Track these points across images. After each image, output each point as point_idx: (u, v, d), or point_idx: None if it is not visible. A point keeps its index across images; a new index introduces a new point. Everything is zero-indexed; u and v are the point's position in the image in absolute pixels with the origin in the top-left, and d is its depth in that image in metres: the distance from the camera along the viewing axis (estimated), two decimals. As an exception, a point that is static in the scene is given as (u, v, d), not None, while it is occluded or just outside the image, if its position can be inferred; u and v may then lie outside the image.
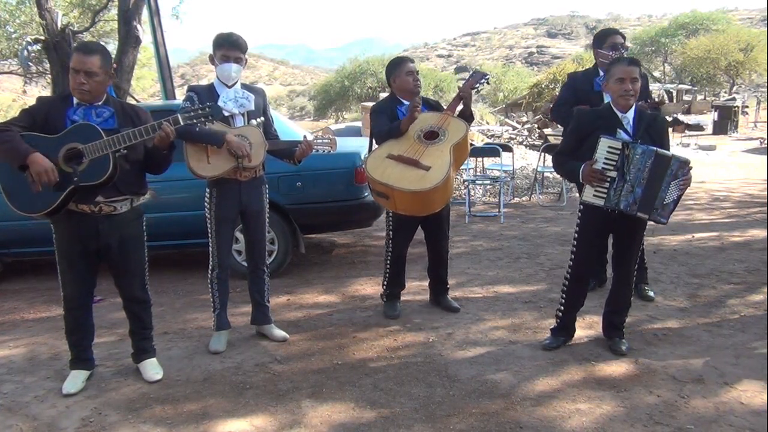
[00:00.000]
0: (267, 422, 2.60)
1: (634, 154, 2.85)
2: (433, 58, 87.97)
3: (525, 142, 13.63)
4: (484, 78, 3.71)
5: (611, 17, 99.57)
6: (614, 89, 2.96)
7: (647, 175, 2.85)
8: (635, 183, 2.86)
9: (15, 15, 12.29)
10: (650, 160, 2.84)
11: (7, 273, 5.04)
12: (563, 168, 3.13)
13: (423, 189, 3.21)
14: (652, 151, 2.84)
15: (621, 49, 3.73)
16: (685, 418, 2.53)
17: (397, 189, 3.24)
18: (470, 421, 2.55)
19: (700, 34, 37.68)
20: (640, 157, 2.84)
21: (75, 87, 2.67)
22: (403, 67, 3.60)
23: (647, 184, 2.85)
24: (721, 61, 30.75)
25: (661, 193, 2.86)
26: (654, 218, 2.91)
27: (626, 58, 3.06)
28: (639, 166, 2.85)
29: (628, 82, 2.90)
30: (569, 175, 3.12)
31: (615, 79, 2.94)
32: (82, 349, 2.99)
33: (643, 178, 2.85)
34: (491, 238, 5.79)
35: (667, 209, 2.89)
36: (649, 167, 2.84)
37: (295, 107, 58.60)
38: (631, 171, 2.85)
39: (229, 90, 3.23)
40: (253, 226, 3.38)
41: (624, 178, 2.86)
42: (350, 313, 3.90)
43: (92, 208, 2.74)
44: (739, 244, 5.29)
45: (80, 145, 2.62)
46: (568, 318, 3.25)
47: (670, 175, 2.84)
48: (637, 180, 2.86)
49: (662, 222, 2.95)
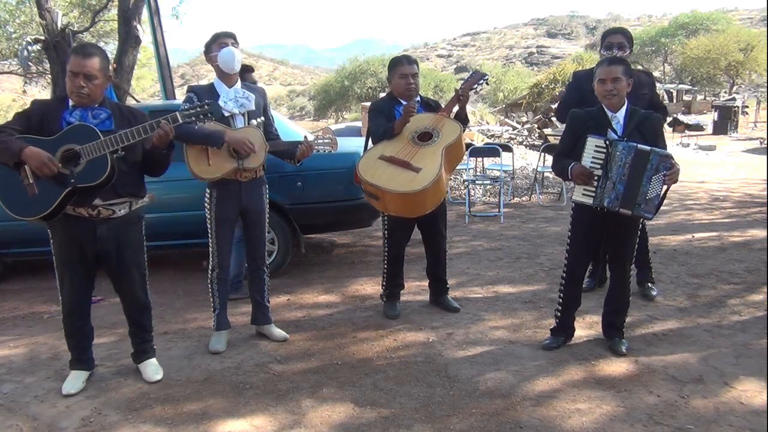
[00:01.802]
0: (267, 422, 2.60)
1: (616, 151, 2.87)
2: (433, 58, 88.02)
3: (525, 142, 13.63)
4: (483, 78, 3.71)
5: (611, 17, 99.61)
6: (598, 90, 3.01)
7: (628, 171, 2.86)
8: (617, 180, 2.88)
9: (15, 15, 12.30)
10: (630, 156, 2.86)
11: (7, 273, 5.04)
12: (558, 167, 3.16)
13: (412, 191, 3.22)
14: (632, 147, 2.86)
15: (616, 49, 3.71)
16: (685, 418, 2.52)
17: (386, 191, 3.24)
18: (470, 421, 2.55)
19: (700, 34, 37.70)
20: (620, 153, 2.87)
21: (73, 90, 2.62)
22: (397, 70, 3.59)
23: (628, 179, 2.87)
24: (721, 61, 30.76)
25: (643, 188, 2.86)
26: (637, 214, 2.91)
27: (607, 58, 3.11)
28: (620, 163, 2.87)
29: (609, 82, 2.94)
30: (561, 173, 3.14)
31: (597, 80, 3.00)
32: (81, 350, 2.98)
33: (623, 175, 2.87)
34: (491, 238, 5.79)
35: (651, 204, 2.89)
36: (629, 163, 2.86)
37: (295, 107, 58.63)
38: (612, 168, 2.88)
39: (229, 90, 3.23)
40: (254, 227, 3.37)
41: (607, 176, 2.89)
42: (350, 313, 3.90)
43: (90, 212, 2.70)
44: (739, 244, 5.29)
45: (77, 147, 2.57)
46: (566, 317, 3.25)
47: (650, 170, 2.85)
48: (618, 177, 2.87)
49: (647, 217, 2.95)
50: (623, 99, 2.99)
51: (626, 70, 2.98)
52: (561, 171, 3.11)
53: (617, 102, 2.97)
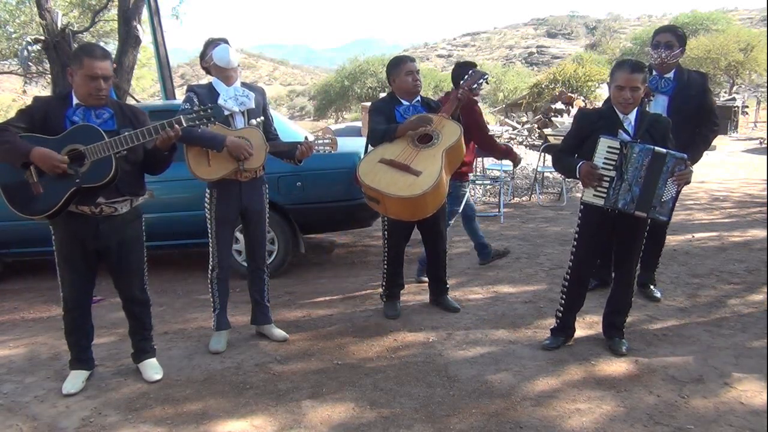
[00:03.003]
0: (267, 422, 2.60)
1: (632, 153, 2.85)
2: (433, 58, 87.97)
3: (525, 142, 13.65)
4: (483, 78, 3.69)
5: (611, 17, 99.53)
6: (614, 95, 2.94)
7: (644, 174, 2.85)
8: (633, 182, 2.86)
9: (15, 15, 12.29)
10: (647, 159, 2.84)
11: (7, 273, 5.04)
12: (561, 163, 3.11)
13: (412, 195, 3.21)
14: (650, 149, 2.84)
15: (663, 48, 3.54)
16: (685, 418, 2.52)
17: (387, 195, 3.24)
18: (470, 421, 2.55)
19: (700, 34, 37.67)
20: (638, 155, 2.85)
21: (92, 93, 2.65)
22: (403, 67, 3.57)
23: (645, 182, 2.85)
24: (721, 61, 30.72)
25: (659, 191, 2.85)
26: (652, 216, 2.90)
27: (630, 63, 2.92)
28: (636, 165, 2.85)
29: (628, 90, 2.86)
30: (566, 171, 3.10)
31: (615, 85, 2.91)
32: (81, 350, 2.99)
33: (640, 177, 2.85)
34: (491, 238, 5.78)
35: (666, 207, 2.88)
36: (646, 165, 2.85)
37: (295, 107, 58.61)
38: (629, 170, 2.86)
39: (229, 88, 3.22)
40: (254, 227, 3.37)
41: (622, 178, 2.87)
42: (350, 313, 3.90)
43: (93, 210, 2.73)
44: (739, 244, 5.29)
45: (82, 147, 2.59)
46: (567, 318, 3.25)
47: (666, 172, 2.84)
48: (634, 179, 2.86)
49: (663, 220, 2.94)
50: (637, 104, 2.95)
51: (645, 78, 2.90)
52: (566, 168, 3.07)
53: (632, 109, 2.94)
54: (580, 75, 23.42)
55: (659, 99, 3.58)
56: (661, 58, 3.56)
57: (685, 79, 3.60)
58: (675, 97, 3.57)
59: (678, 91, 3.58)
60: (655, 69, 3.62)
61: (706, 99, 3.65)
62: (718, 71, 31.34)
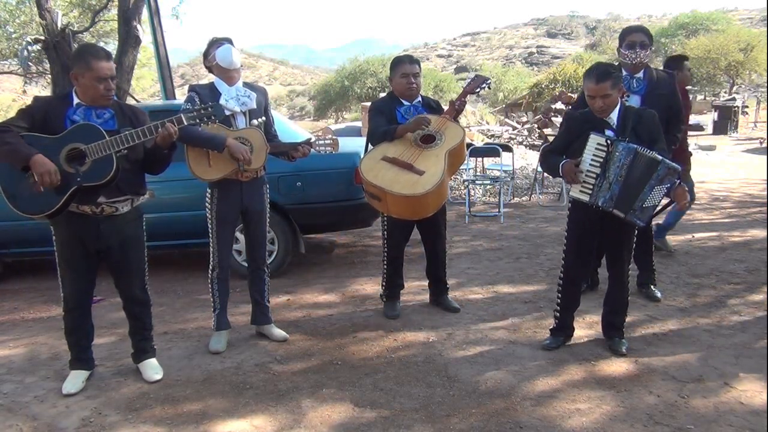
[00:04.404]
0: (267, 422, 2.60)
1: (615, 151, 2.87)
2: (433, 58, 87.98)
3: (525, 142, 13.64)
4: (485, 83, 3.69)
5: (611, 17, 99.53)
6: (589, 103, 2.96)
7: (625, 173, 2.86)
8: (613, 180, 2.88)
9: (15, 15, 12.28)
10: (629, 158, 2.85)
11: (7, 273, 5.04)
12: (547, 162, 3.16)
13: (415, 194, 3.21)
14: (633, 149, 2.85)
15: (639, 48, 3.50)
16: (685, 418, 2.52)
17: (389, 192, 3.24)
18: (470, 421, 2.55)
19: (700, 34, 37.68)
20: (620, 154, 2.86)
21: (103, 94, 2.68)
22: (399, 69, 3.58)
23: (624, 182, 2.86)
24: (721, 61, 30.71)
25: (643, 195, 2.85)
26: (630, 219, 2.90)
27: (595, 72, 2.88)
28: (618, 164, 2.86)
29: (599, 99, 2.88)
30: (551, 169, 3.14)
31: (587, 95, 2.93)
32: (81, 349, 2.99)
33: (620, 176, 2.86)
34: (491, 238, 5.79)
35: (646, 213, 2.89)
36: (627, 165, 2.85)
37: (295, 107, 58.58)
38: (610, 168, 2.87)
39: (230, 88, 3.22)
40: (254, 227, 3.38)
41: (604, 175, 2.89)
42: (350, 313, 3.90)
43: (94, 209, 2.74)
44: (739, 244, 5.29)
45: (82, 146, 2.60)
46: (565, 318, 3.25)
47: (655, 179, 2.83)
48: (615, 177, 2.87)
49: (639, 224, 2.94)
50: (615, 106, 2.95)
51: (615, 82, 2.87)
52: (551, 168, 3.12)
53: (609, 113, 2.95)
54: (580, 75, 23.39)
55: (633, 99, 3.57)
56: (639, 57, 3.53)
57: (655, 78, 3.60)
58: (647, 97, 3.56)
59: (650, 91, 3.59)
60: (625, 69, 3.57)
61: (675, 98, 3.64)
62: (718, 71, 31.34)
